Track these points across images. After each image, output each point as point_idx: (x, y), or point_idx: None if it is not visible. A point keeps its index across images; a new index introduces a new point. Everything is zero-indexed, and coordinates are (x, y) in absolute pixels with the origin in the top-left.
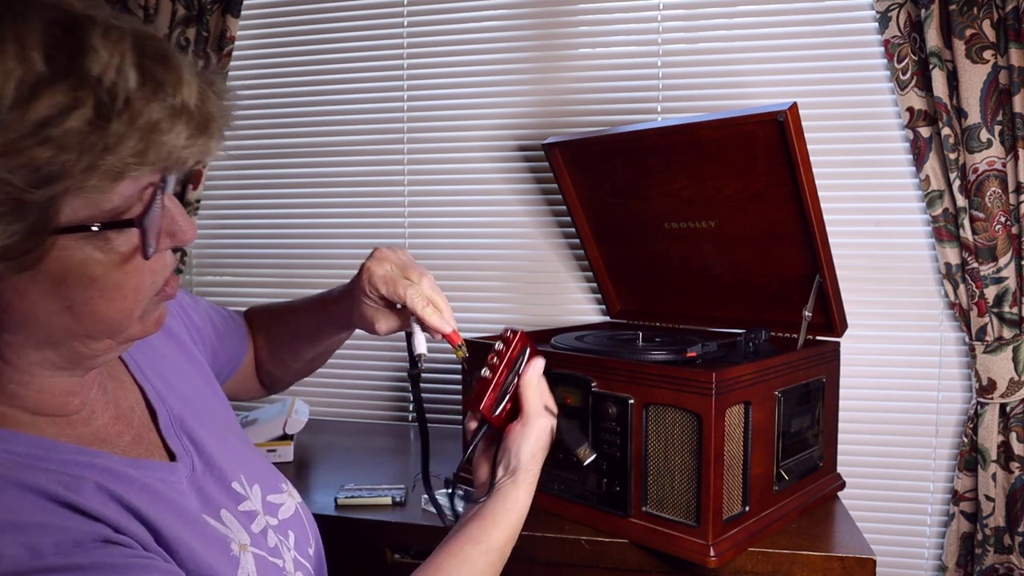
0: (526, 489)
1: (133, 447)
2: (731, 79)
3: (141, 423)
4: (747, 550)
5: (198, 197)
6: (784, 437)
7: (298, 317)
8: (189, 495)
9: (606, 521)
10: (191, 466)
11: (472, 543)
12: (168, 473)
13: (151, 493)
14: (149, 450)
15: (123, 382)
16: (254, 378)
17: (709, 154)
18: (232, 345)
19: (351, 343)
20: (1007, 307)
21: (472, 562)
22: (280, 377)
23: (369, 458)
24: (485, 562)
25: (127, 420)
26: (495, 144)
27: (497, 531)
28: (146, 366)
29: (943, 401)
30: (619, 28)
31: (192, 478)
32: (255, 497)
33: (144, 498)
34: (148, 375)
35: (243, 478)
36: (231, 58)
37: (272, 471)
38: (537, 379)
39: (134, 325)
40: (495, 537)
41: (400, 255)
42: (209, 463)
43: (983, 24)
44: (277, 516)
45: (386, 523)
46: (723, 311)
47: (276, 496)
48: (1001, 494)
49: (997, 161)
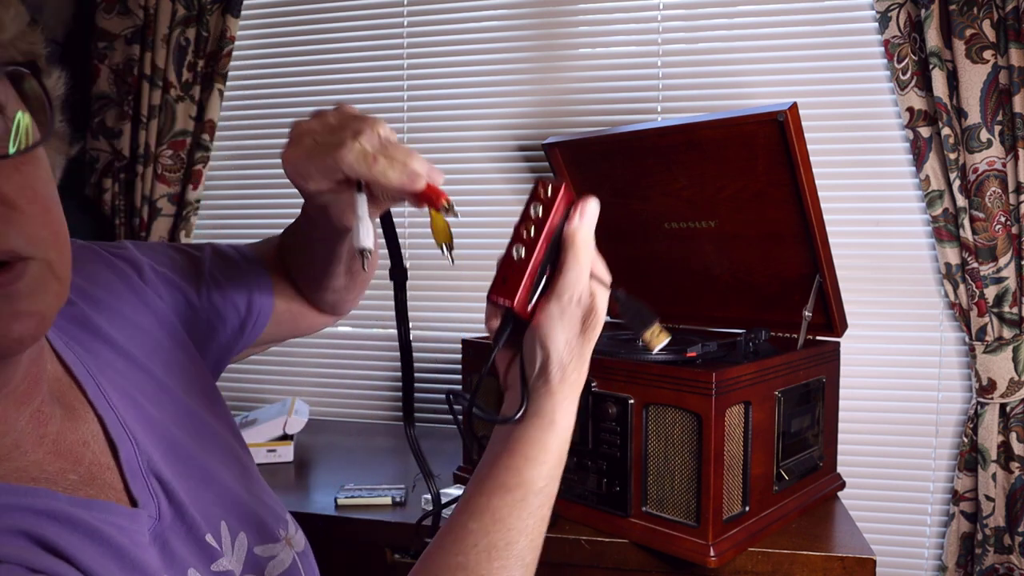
0: (566, 391)
1: (80, 487)
2: (731, 79)
3: (95, 461)
4: (747, 550)
5: (198, 197)
6: (784, 437)
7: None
8: (149, 549)
9: (606, 521)
10: (156, 514)
11: (500, 492)
12: (126, 520)
13: (99, 539)
14: (103, 491)
15: (76, 410)
16: (309, 312)
17: (709, 154)
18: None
19: (350, 343)
20: (1007, 307)
21: (504, 521)
22: (333, 301)
23: (369, 458)
24: (523, 513)
25: (73, 457)
26: (495, 144)
27: (531, 466)
28: (112, 391)
29: (943, 401)
30: (619, 28)
31: (157, 529)
32: (236, 551)
33: (88, 546)
34: (113, 402)
35: (225, 526)
36: (231, 58)
37: (271, 514)
38: (587, 231)
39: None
40: (529, 476)
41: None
42: (180, 511)
43: (983, 24)
44: (264, 573)
45: (386, 523)
46: (723, 311)
47: (268, 547)
48: (1001, 494)
49: (997, 161)
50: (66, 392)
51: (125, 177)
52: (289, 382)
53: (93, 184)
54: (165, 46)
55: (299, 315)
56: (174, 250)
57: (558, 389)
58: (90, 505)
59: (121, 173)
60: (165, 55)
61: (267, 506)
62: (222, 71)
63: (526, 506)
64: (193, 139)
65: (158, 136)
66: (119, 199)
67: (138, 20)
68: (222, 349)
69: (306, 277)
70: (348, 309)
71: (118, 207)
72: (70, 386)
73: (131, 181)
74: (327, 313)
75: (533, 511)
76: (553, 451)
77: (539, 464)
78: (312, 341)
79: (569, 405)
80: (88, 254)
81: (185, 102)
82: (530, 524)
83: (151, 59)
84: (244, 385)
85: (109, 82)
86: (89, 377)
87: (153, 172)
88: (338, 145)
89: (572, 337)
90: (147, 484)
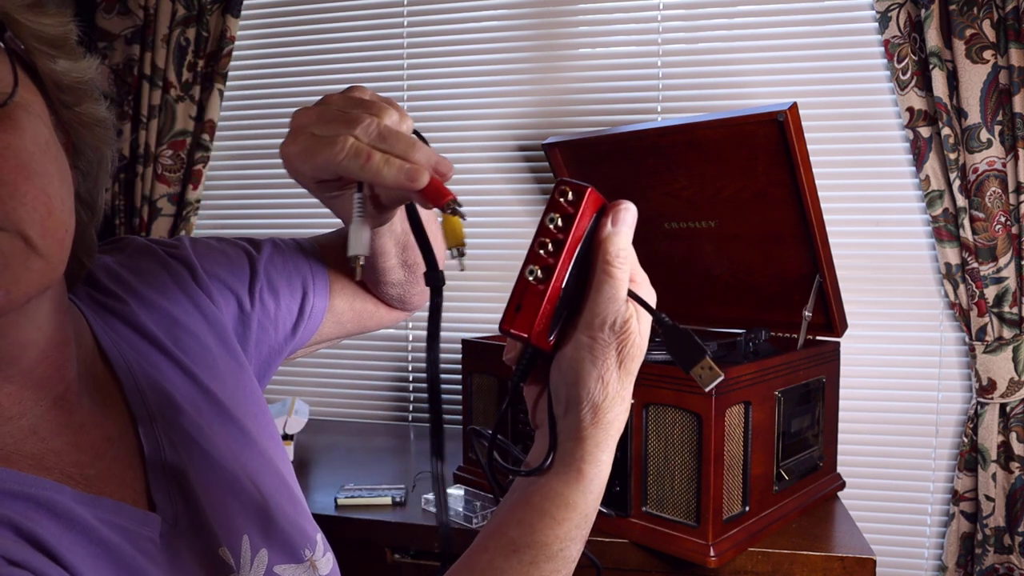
0: (599, 437)
1: (96, 482)
2: (731, 79)
3: (117, 458)
4: (747, 550)
5: (198, 197)
6: (784, 437)
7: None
8: (157, 555)
9: (606, 521)
10: (172, 520)
11: (506, 551)
12: (137, 523)
13: (95, 539)
14: (119, 490)
15: (107, 405)
16: (376, 307)
17: (709, 154)
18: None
19: (350, 343)
20: (1007, 307)
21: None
22: (399, 295)
23: (369, 458)
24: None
25: (95, 451)
26: (495, 144)
27: (547, 524)
28: (149, 391)
29: (943, 401)
30: (619, 28)
31: (170, 536)
32: (254, 567)
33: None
34: (149, 403)
35: (246, 540)
36: (231, 58)
37: (300, 532)
38: (623, 242)
39: None
40: (544, 535)
41: (331, 103)
42: (198, 520)
43: (983, 24)
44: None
45: (386, 523)
46: (723, 311)
47: (289, 568)
48: (1001, 494)
49: (997, 161)
50: (102, 387)
51: (125, 177)
52: (289, 382)
53: None
54: (165, 46)
55: (364, 312)
56: (232, 246)
57: (589, 435)
58: (97, 503)
59: (121, 173)
60: (165, 55)
61: (297, 524)
62: (222, 71)
63: (536, 571)
64: (193, 139)
65: (158, 136)
66: (119, 199)
67: (138, 20)
68: (273, 351)
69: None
70: (419, 303)
71: (118, 207)
72: (107, 381)
73: (131, 181)
74: (395, 308)
75: (545, 572)
76: (577, 508)
77: (558, 523)
78: None
79: (601, 454)
80: (145, 253)
81: (185, 102)
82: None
83: (151, 59)
84: None
85: (109, 82)
86: (129, 375)
87: (153, 172)
88: (330, 141)
89: (607, 372)
90: (168, 489)
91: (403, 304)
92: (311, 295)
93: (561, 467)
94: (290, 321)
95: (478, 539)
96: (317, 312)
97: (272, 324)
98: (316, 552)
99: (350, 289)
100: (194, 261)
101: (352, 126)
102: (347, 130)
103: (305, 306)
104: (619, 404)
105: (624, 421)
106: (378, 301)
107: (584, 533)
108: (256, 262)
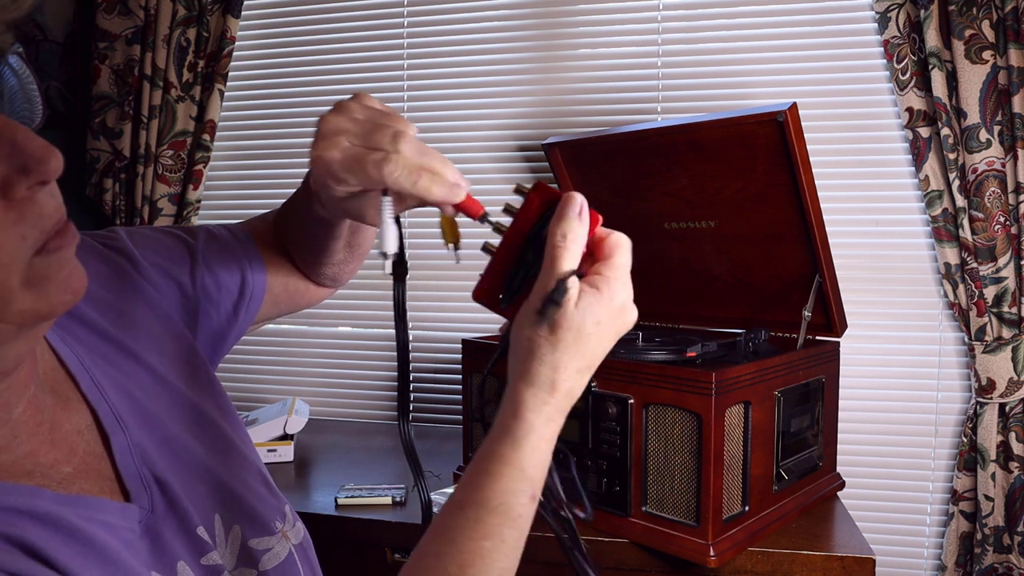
0: (527, 397)
1: (75, 480)
2: (731, 79)
3: (89, 451)
4: (747, 550)
5: (198, 197)
6: (784, 437)
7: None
8: (139, 544)
9: (606, 521)
10: (149, 506)
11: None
12: (117, 516)
13: (81, 539)
14: (98, 484)
15: (69, 401)
16: (307, 287)
17: (709, 154)
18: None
19: (350, 343)
20: (1006, 307)
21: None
22: (333, 274)
23: (369, 458)
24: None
25: (68, 446)
26: (495, 144)
27: (487, 481)
28: (106, 384)
29: (942, 401)
30: (619, 28)
31: (149, 521)
32: (229, 543)
33: (68, 547)
34: (108, 394)
35: (219, 519)
36: (231, 58)
37: (268, 506)
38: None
39: (20, 296)
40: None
41: (355, 111)
42: (173, 503)
43: (982, 24)
44: (258, 567)
45: (386, 523)
46: (723, 311)
47: (263, 540)
48: (1000, 494)
49: (996, 161)
50: (59, 383)
51: (126, 177)
52: (289, 382)
53: (94, 184)
54: (166, 46)
55: (296, 292)
56: (167, 235)
57: (518, 392)
58: (78, 502)
59: (122, 173)
60: (166, 55)
61: (264, 499)
62: (222, 71)
63: (480, 526)
64: (193, 139)
65: (158, 136)
66: (120, 199)
67: (139, 20)
68: (217, 334)
69: (304, 254)
70: (347, 279)
71: (119, 207)
72: (63, 378)
73: (132, 181)
74: (326, 286)
75: (489, 532)
76: (510, 462)
77: (494, 478)
78: (312, 341)
79: (527, 412)
80: (83, 246)
81: (185, 102)
82: (486, 547)
83: (152, 59)
84: (244, 385)
85: (110, 82)
86: (83, 369)
87: (154, 172)
88: (382, 159)
89: (536, 335)
90: (140, 475)
91: (334, 282)
92: (249, 278)
93: (495, 426)
94: (231, 303)
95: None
96: (257, 293)
97: (215, 308)
98: (286, 523)
99: (284, 271)
100: (133, 251)
101: (396, 141)
102: (393, 146)
103: (245, 289)
104: (552, 370)
105: (569, 391)
106: (309, 281)
107: (525, 487)
108: (194, 249)
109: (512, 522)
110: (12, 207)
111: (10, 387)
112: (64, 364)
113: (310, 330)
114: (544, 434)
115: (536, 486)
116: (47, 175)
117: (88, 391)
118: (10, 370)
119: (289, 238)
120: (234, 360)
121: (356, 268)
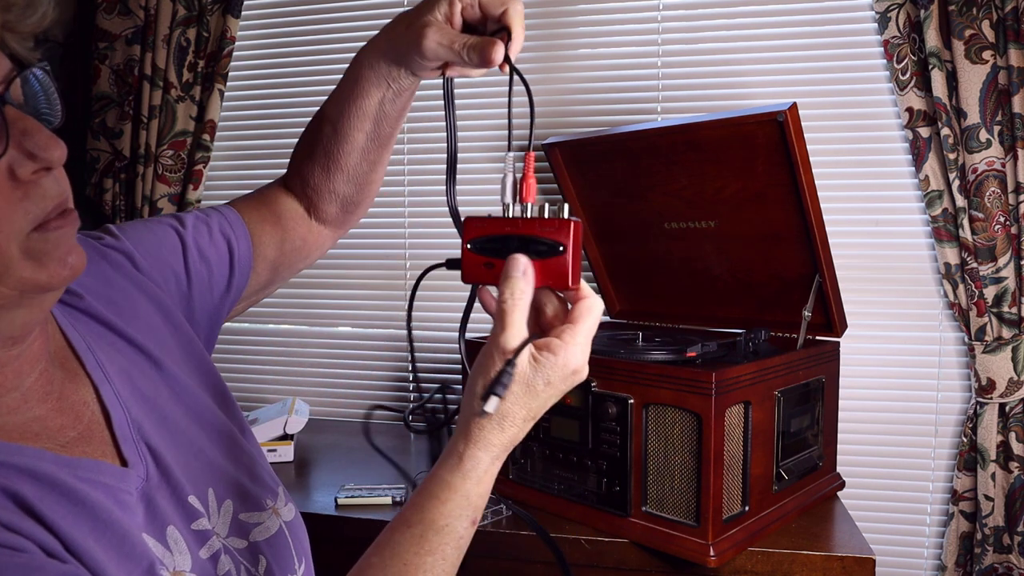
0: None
1: (78, 444)
2: (731, 79)
3: (93, 420)
4: (747, 550)
5: (198, 197)
6: (784, 437)
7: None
8: (135, 507)
9: (606, 521)
10: (144, 474)
11: (402, 527)
12: (115, 478)
13: (73, 499)
14: (100, 449)
15: (76, 375)
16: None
17: (709, 154)
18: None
19: (351, 343)
20: (1006, 307)
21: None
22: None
23: (369, 458)
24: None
25: (74, 414)
26: (495, 144)
27: (433, 504)
28: (108, 364)
29: (942, 401)
30: (619, 28)
31: (144, 488)
32: (221, 514)
33: (61, 506)
34: (109, 374)
35: (212, 493)
36: (231, 58)
37: (261, 485)
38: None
39: (20, 264)
40: (431, 513)
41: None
42: (166, 473)
43: (982, 24)
44: (248, 538)
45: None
46: (723, 311)
47: (254, 515)
48: (1000, 494)
49: (996, 161)
50: (67, 360)
51: (126, 177)
52: (289, 382)
53: (94, 184)
54: (166, 46)
55: (292, 251)
56: (158, 225)
57: (471, 429)
58: (77, 464)
59: (122, 173)
60: (165, 55)
61: (257, 478)
62: (222, 71)
63: (424, 543)
64: (193, 139)
65: (158, 136)
66: (120, 199)
67: (138, 20)
68: (214, 314)
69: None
70: (356, 220)
71: (118, 207)
72: (70, 356)
73: (132, 181)
74: (328, 226)
75: (433, 549)
76: (457, 490)
77: (441, 502)
78: (312, 341)
79: (477, 451)
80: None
81: (185, 102)
82: (428, 562)
83: (151, 59)
84: (244, 385)
85: (110, 82)
86: (88, 352)
87: (154, 172)
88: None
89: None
90: (136, 447)
91: (341, 220)
92: (234, 243)
93: (448, 451)
94: (224, 281)
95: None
96: (244, 258)
97: (208, 289)
98: (278, 502)
99: (276, 231)
100: (129, 247)
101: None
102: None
103: (233, 258)
104: (501, 418)
105: (514, 437)
106: (309, 229)
107: (468, 513)
108: (184, 235)
109: (455, 542)
110: (19, 187)
111: (23, 356)
112: (72, 346)
113: (310, 330)
114: (490, 470)
115: (478, 513)
116: (50, 162)
117: (92, 370)
118: (18, 336)
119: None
120: (234, 360)
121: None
